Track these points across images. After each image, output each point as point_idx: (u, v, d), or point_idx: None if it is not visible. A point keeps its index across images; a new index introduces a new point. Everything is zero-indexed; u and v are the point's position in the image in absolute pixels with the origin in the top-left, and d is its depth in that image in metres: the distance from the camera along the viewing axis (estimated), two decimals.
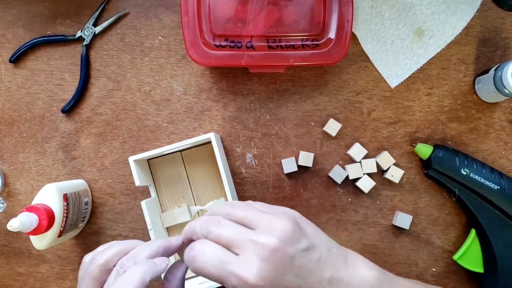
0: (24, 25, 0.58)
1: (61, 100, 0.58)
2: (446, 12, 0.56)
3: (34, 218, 0.46)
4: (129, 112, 0.58)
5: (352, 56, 0.57)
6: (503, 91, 0.51)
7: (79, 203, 0.54)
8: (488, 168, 0.53)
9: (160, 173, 0.56)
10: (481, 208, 0.53)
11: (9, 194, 0.59)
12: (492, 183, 0.52)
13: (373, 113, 0.57)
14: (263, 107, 0.58)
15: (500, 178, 0.53)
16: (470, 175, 0.52)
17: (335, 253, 0.33)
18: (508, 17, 0.57)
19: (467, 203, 0.53)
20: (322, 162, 0.57)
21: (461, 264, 0.54)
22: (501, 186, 0.52)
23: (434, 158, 0.53)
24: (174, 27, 0.58)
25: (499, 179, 0.53)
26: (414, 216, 0.56)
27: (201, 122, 0.58)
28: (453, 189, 0.54)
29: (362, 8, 0.56)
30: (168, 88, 0.58)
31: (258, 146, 0.57)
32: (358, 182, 0.55)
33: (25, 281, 0.58)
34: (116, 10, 0.58)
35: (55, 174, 0.58)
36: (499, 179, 0.53)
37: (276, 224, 0.31)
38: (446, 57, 0.57)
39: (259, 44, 0.52)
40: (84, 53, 0.57)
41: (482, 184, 0.52)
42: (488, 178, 0.53)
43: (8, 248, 0.58)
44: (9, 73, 0.58)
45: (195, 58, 0.52)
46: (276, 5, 0.51)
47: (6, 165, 0.58)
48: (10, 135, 0.58)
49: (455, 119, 0.57)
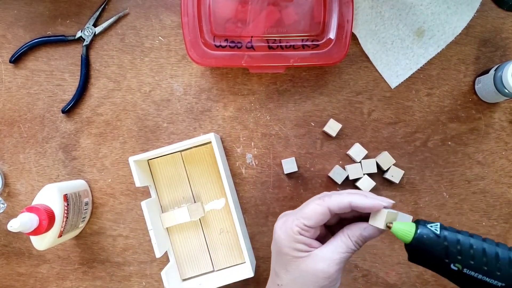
0: (24, 25, 0.58)
1: (61, 101, 0.58)
2: (446, 12, 0.56)
3: (35, 219, 0.46)
4: (129, 113, 0.58)
5: (352, 56, 0.57)
6: (503, 91, 0.51)
7: (79, 204, 0.54)
8: (492, 254, 0.35)
9: (160, 173, 0.56)
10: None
11: (10, 195, 0.59)
12: (494, 279, 0.35)
13: (373, 114, 0.57)
14: (263, 107, 0.58)
15: (509, 267, 0.34)
16: (464, 271, 0.35)
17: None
18: (508, 17, 0.57)
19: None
20: (322, 162, 0.57)
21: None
22: (508, 282, 0.34)
23: (416, 244, 0.36)
24: (174, 28, 0.58)
25: (507, 269, 0.34)
26: (414, 217, 0.56)
27: (201, 122, 0.58)
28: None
29: (362, 8, 0.56)
30: (168, 89, 0.58)
31: (258, 146, 0.57)
32: (358, 182, 0.55)
33: (26, 281, 0.58)
34: (116, 10, 0.58)
35: (55, 175, 0.58)
36: (508, 269, 0.34)
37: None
38: (446, 57, 0.57)
39: (259, 45, 0.52)
40: (84, 53, 0.57)
41: (481, 282, 0.35)
42: (490, 273, 0.35)
43: (8, 249, 0.58)
44: (9, 74, 0.58)
45: (195, 58, 0.52)
46: (276, 5, 0.51)
47: (7, 165, 0.58)
48: (10, 135, 0.58)
49: (455, 119, 0.57)
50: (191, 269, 0.56)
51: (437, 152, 0.57)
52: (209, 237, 0.56)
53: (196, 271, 0.56)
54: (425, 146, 0.57)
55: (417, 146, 0.57)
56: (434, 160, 0.57)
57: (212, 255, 0.56)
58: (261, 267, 0.57)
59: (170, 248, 0.56)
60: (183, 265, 0.56)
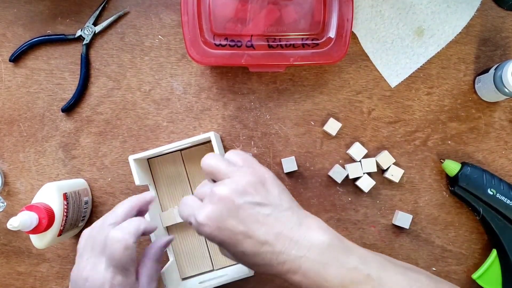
0: (24, 24, 0.58)
1: (61, 99, 0.58)
2: (446, 11, 0.56)
3: (34, 217, 0.46)
4: (129, 111, 0.58)
5: (352, 55, 0.57)
6: (503, 91, 0.51)
7: (79, 202, 0.54)
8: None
9: (160, 172, 0.56)
10: (504, 230, 0.52)
11: (9, 193, 0.59)
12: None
13: (373, 113, 0.57)
14: (263, 106, 0.58)
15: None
16: (497, 196, 0.52)
17: (289, 214, 0.37)
18: (508, 16, 0.57)
19: (491, 223, 0.53)
20: (322, 162, 0.57)
21: (480, 283, 0.54)
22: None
23: (462, 175, 0.53)
24: (174, 26, 0.58)
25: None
26: (414, 216, 0.56)
27: (201, 121, 0.58)
28: (478, 208, 0.53)
29: (362, 7, 0.56)
30: (168, 87, 0.58)
31: (258, 145, 0.57)
32: (358, 182, 0.55)
33: (25, 280, 0.58)
34: (116, 9, 0.58)
35: (55, 173, 0.58)
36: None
37: (236, 178, 0.37)
38: (446, 57, 0.57)
39: (259, 43, 0.52)
40: (84, 52, 0.57)
41: (508, 206, 0.52)
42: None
43: (8, 247, 0.58)
44: (9, 72, 0.58)
45: (195, 57, 0.52)
46: (276, 4, 0.51)
47: (6, 164, 0.58)
48: (10, 134, 0.58)
49: (455, 119, 0.57)
50: (190, 268, 0.56)
51: (437, 151, 0.57)
52: None
53: (195, 270, 0.56)
54: (425, 145, 0.57)
55: (417, 145, 0.57)
56: (434, 159, 0.57)
57: (211, 254, 0.56)
58: None
59: (169, 247, 0.56)
60: (183, 264, 0.56)
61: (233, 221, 0.35)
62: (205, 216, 0.36)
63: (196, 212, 0.37)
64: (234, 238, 0.35)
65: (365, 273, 0.35)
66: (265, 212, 0.36)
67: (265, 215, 0.36)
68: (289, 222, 0.36)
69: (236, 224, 0.35)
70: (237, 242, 0.35)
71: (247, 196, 0.36)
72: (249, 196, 0.36)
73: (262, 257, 0.35)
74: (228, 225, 0.35)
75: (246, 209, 0.36)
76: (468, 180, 0.53)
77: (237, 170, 0.38)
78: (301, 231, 0.36)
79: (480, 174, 0.53)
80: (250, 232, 0.35)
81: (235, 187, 0.36)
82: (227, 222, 0.35)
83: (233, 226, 0.35)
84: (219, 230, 0.35)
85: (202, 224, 0.36)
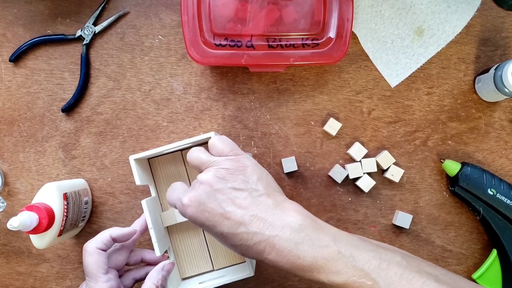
0: (24, 24, 0.58)
1: (61, 100, 0.58)
2: (446, 11, 0.56)
3: (34, 217, 0.46)
4: (129, 112, 0.58)
5: (352, 55, 0.57)
6: (503, 90, 0.51)
7: (79, 202, 0.54)
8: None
9: (160, 172, 0.56)
10: (504, 230, 0.53)
11: (9, 193, 0.59)
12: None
13: (373, 113, 0.57)
14: (263, 106, 0.58)
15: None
16: (497, 196, 0.52)
17: (265, 198, 0.40)
18: (508, 16, 0.57)
19: (491, 223, 0.53)
20: (322, 162, 0.57)
21: (480, 283, 0.54)
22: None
23: (462, 175, 0.53)
24: (174, 26, 0.58)
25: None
26: (414, 216, 0.56)
27: (201, 121, 0.58)
28: (478, 208, 0.53)
29: (362, 7, 0.56)
30: (168, 88, 0.58)
31: (258, 145, 0.57)
32: (358, 182, 0.55)
33: (25, 280, 0.58)
34: (116, 9, 0.58)
35: (55, 173, 0.58)
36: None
37: (217, 166, 0.41)
38: (446, 56, 0.57)
39: (259, 43, 0.52)
40: (84, 52, 0.57)
41: (508, 206, 0.52)
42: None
43: (8, 247, 0.58)
44: (9, 73, 0.58)
45: (195, 57, 0.52)
46: (276, 4, 0.51)
47: (6, 164, 0.58)
48: (10, 134, 0.58)
49: (455, 119, 0.57)
50: (191, 268, 0.56)
51: (437, 151, 0.57)
52: (209, 236, 0.56)
53: (196, 270, 0.56)
54: (425, 145, 0.57)
55: (417, 145, 0.57)
56: (434, 159, 0.57)
57: (212, 254, 0.56)
58: (261, 266, 0.57)
59: (170, 247, 0.55)
60: (183, 264, 0.56)
61: (213, 204, 0.39)
62: (188, 199, 0.40)
63: (181, 196, 0.41)
64: (213, 220, 0.39)
65: (336, 250, 0.37)
66: (241, 195, 0.39)
67: (241, 198, 0.39)
68: (264, 205, 0.39)
69: (215, 207, 0.39)
70: (216, 224, 0.39)
71: (226, 182, 0.40)
72: (228, 182, 0.40)
73: (239, 237, 0.38)
74: (208, 208, 0.39)
75: (224, 193, 0.39)
76: (468, 180, 0.53)
77: (219, 160, 0.41)
78: (276, 213, 0.39)
79: (480, 174, 0.53)
80: (227, 214, 0.38)
81: (216, 174, 0.40)
82: (207, 205, 0.39)
83: (212, 208, 0.39)
84: (201, 212, 0.39)
85: (186, 205, 0.40)
